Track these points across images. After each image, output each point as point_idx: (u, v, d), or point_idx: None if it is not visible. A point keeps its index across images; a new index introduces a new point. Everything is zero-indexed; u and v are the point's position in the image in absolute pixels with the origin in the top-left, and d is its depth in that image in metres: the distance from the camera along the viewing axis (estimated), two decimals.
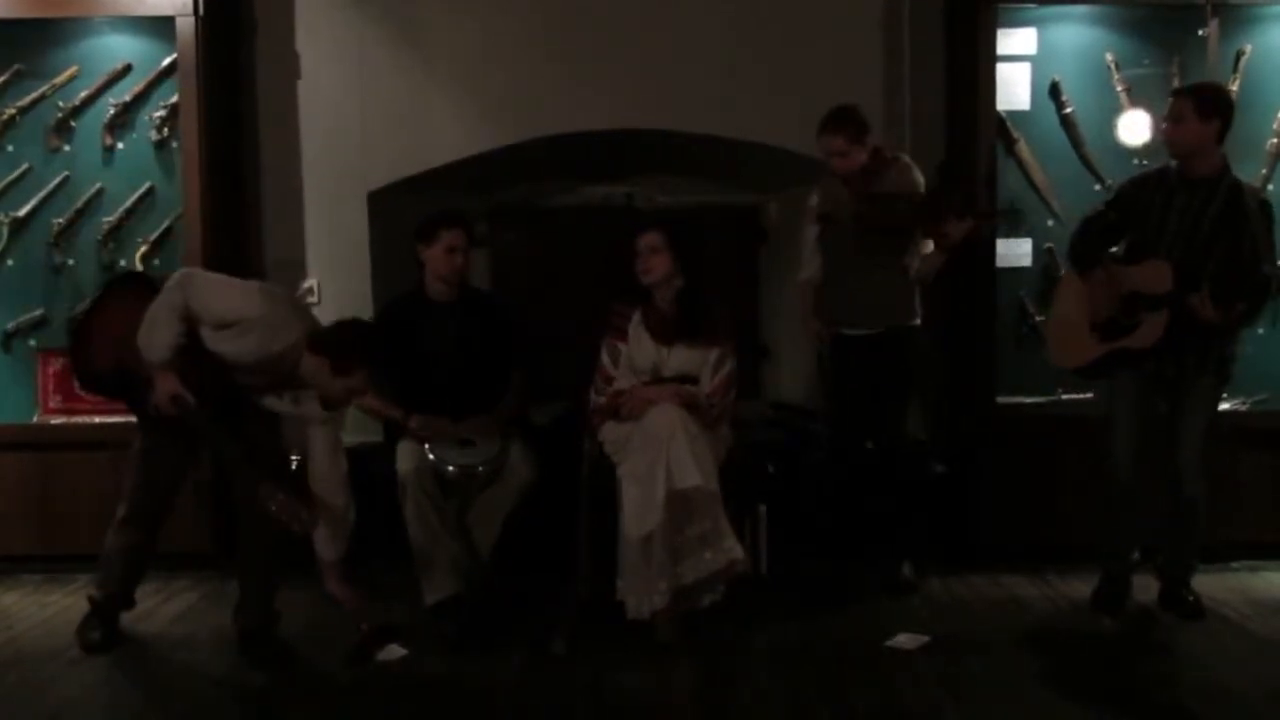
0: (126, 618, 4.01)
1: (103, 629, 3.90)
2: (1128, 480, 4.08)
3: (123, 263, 4.82)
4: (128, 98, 4.83)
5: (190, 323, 3.52)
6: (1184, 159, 3.95)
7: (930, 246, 4.29)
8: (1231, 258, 3.83)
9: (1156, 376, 4.01)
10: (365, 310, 4.78)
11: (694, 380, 4.14)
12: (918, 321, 4.44)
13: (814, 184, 4.53)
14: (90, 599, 3.94)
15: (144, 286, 3.76)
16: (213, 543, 4.61)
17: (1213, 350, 3.96)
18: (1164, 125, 4.03)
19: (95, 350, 3.75)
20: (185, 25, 4.67)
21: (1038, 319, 4.82)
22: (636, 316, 4.22)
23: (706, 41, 4.94)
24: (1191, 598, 4.13)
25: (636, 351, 4.19)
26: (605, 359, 4.23)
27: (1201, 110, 3.87)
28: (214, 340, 3.54)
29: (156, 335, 3.52)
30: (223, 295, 3.57)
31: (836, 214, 4.33)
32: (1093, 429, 4.30)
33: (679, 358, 4.16)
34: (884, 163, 4.35)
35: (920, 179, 4.36)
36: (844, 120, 4.25)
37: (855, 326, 4.37)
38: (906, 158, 4.42)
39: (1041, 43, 4.85)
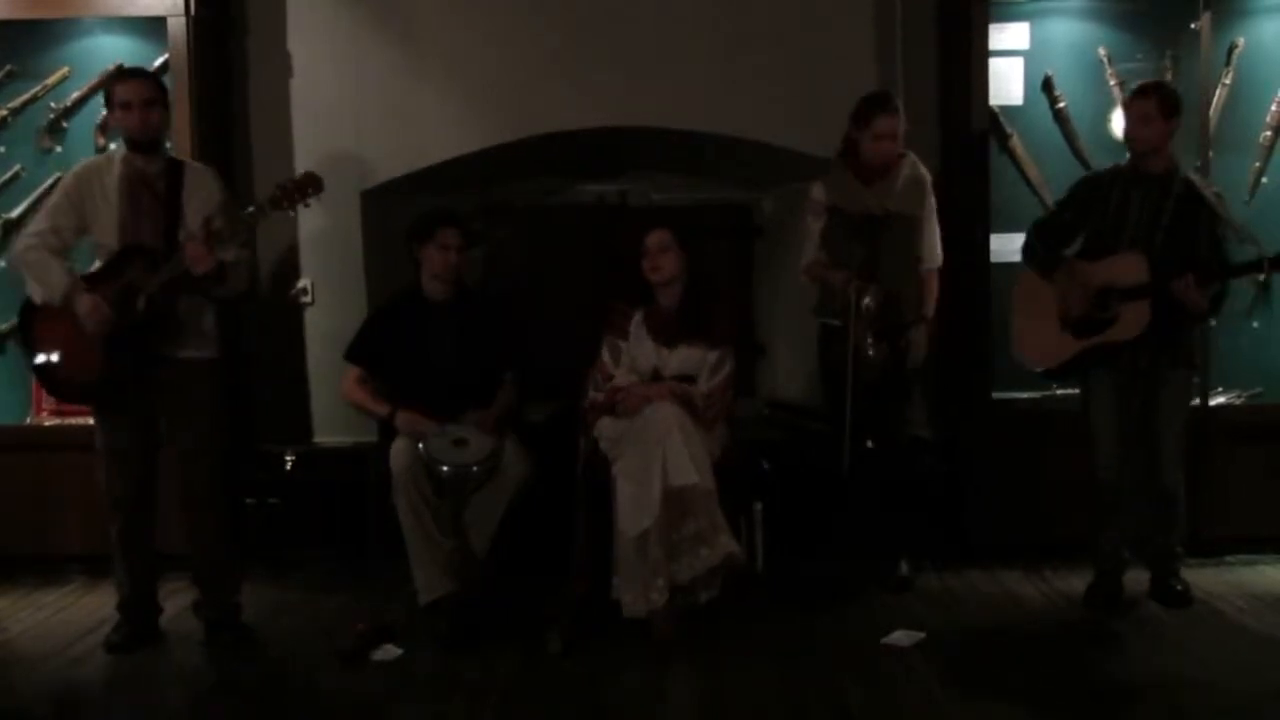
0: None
1: (125, 629, 3.92)
2: (1112, 479, 4.12)
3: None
4: None
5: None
6: (1144, 156, 4.01)
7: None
8: (1196, 243, 3.91)
9: (1130, 371, 4.03)
10: (360, 309, 4.77)
11: (693, 380, 4.14)
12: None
13: (810, 179, 4.51)
14: (118, 606, 3.98)
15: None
16: None
17: (1184, 340, 4.02)
18: (1129, 126, 4.06)
19: (71, 368, 3.88)
20: (177, 25, 4.66)
21: None
22: (638, 317, 4.22)
23: (699, 39, 4.92)
24: (1180, 586, 4.16)
25: (638, 352, 4.19)
26: (606, 355, 4.22)
27: (1164, 109, 3.95)
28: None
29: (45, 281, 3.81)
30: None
31: (845, 206, 4.31)
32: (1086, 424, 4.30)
33: (679, 359, 4.16)
34: (896, 159, 4.32)
35: (926, 174, 4.36)
36: (897, 105, 4.25)
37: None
38: (913, 155, 4.39)
39: (1034, 37, 4.85)
